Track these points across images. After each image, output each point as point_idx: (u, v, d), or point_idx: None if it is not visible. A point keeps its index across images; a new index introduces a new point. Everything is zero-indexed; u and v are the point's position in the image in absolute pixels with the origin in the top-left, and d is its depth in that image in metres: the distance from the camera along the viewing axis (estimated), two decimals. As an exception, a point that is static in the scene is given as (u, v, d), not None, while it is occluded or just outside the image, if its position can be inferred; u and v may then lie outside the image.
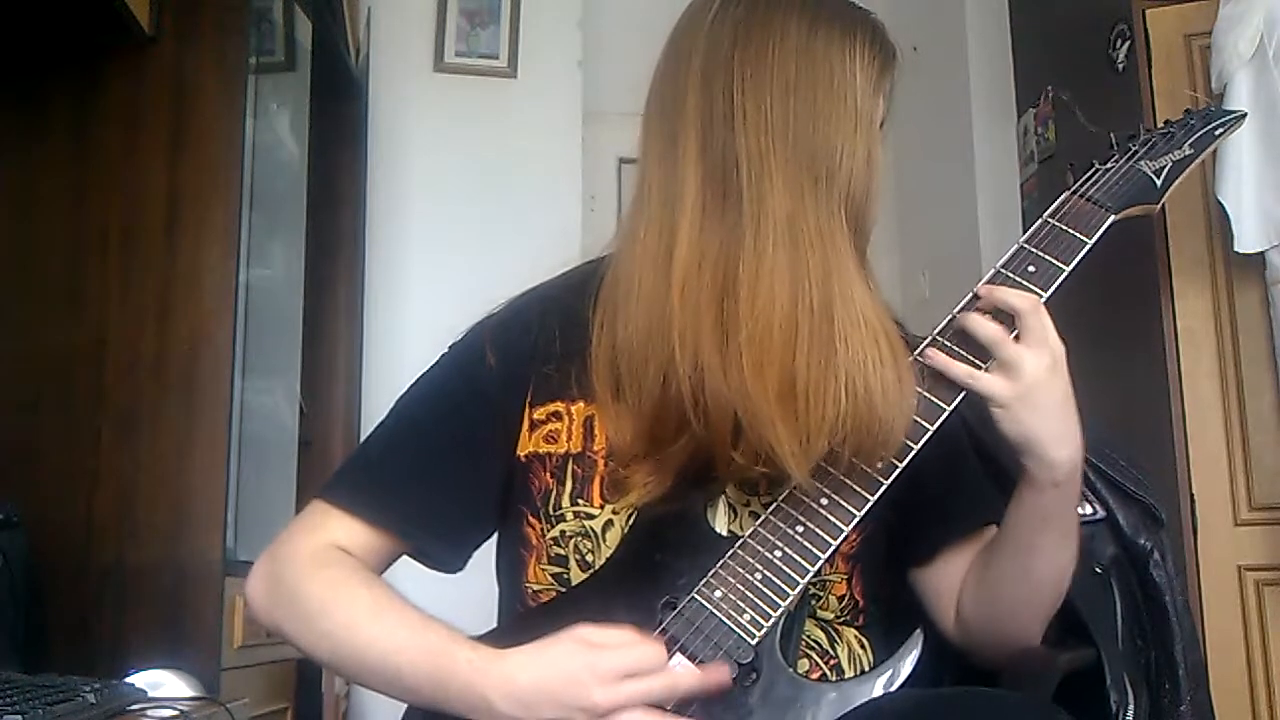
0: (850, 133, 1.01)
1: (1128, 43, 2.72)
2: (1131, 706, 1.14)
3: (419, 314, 3.13)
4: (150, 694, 1.46)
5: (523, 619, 1.08)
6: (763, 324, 0.96)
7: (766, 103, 1.00)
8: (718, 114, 1.01)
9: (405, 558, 1.10)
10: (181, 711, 1.39)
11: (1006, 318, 1.02)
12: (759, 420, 0.95)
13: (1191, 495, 2.51)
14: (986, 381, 1.00)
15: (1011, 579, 1.08)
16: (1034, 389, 0.98)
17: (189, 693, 1.51)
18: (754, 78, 1.01)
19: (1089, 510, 1.24)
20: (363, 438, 1.16)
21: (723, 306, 0.98)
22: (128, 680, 1.47)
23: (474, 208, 3.27)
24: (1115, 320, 2.67)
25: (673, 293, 0.99)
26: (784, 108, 1.00)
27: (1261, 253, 2.39)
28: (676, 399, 0.98)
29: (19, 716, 1.10)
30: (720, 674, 0.93)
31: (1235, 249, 2.40)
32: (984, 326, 1.01)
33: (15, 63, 1.88)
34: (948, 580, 1.14)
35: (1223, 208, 2.40)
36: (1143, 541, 1.26)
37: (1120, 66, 2.75)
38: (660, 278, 1.00)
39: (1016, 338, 1.01)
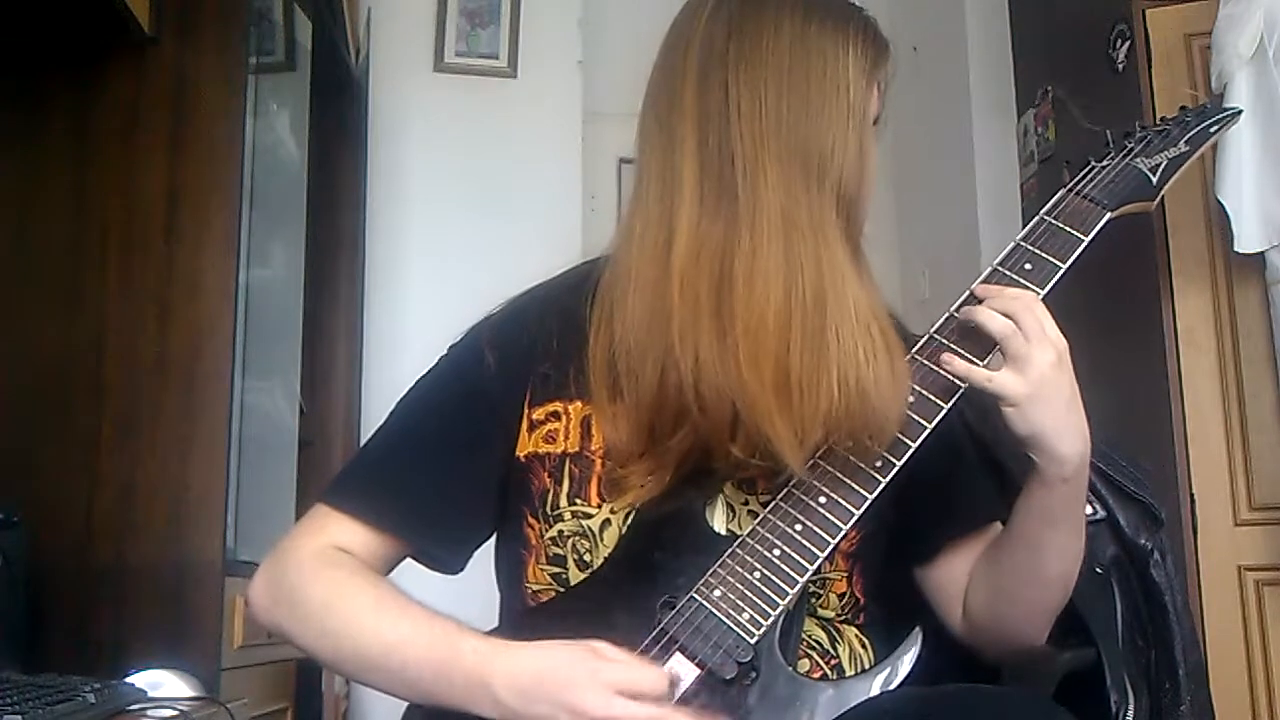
0: (843, 125, 1.01)
1: (1128, 43, 2.72)
2: (1131, 706, 1.14)
3: (419, 314, 3.13)
4: (150, 694, 1.46)
5: (522, 618, 1.08)
6: (757, 316, 0.97)
7: (761, 95, 1.00)
8: (714, 107, 1.01)
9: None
10: (181, 711, 1.39)
11: None
12: (757, 412, 0.96)
13: (1191, 495, 2.51)
14: (1001, 381, 0.99)
15: (1020, 575, 1.08)
16: (1043, 385, 0.98)
17: (189, 693, 1.51)
18: (749, 70, 1.01)
19: (1089, 510, 1.24)
20: (363, 438, 1.17)
21: (720, 299, 0.98)
22: (128, 680, 1.47)
23: (474, 207, 3.27)
24: (1115, 320, 2.67)
25: (672, 285, 0.99)
26: (778, 100, 1.00)
27: (1261, 253, 2.39)
28: (676, 390, 0.98)
29: (19, 716, 1.10)
30: None
31: (1235, 249, 2.40)
32: (994, 320, 1.00)
33: (15, 63, 1.88)
34: (952, 577, 1.14)
35: (1223, 208, 2.40)
36: (1143, 541, 1.26)
37: (1120, 66, 2.74)
38: (660, 271, 1.01)
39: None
